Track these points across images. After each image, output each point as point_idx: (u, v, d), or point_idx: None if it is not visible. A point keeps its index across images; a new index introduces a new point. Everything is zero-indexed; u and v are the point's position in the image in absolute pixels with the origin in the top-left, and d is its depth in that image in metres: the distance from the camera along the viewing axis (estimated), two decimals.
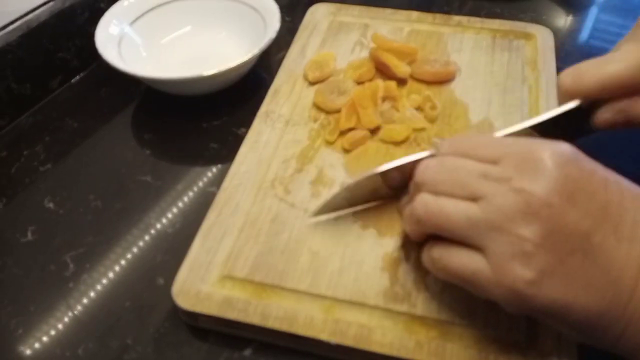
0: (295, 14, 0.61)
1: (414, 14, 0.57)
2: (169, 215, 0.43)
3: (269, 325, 0.33)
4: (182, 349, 0.35)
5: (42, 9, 0.51)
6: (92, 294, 0.38)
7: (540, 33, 0.54)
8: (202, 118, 0.50)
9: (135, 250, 0.41)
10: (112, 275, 0.39)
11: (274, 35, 0.49)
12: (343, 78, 0.49)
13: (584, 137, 0.37)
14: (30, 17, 0.50)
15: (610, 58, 0.34)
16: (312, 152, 0.44)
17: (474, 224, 0.28)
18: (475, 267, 0.29)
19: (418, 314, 0.34)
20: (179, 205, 0.44)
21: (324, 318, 0.34)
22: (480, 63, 0.51)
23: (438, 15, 0.57)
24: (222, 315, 0.34)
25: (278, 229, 0.38)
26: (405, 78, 0.49)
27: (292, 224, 0.39)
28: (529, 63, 0.51)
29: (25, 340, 0.36)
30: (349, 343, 0.33)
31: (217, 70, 0.46)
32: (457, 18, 0.56)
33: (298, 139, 0.45)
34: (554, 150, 0.28)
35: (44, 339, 0.36)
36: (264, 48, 0.48)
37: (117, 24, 0.53)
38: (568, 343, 0.32)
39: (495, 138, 0.32)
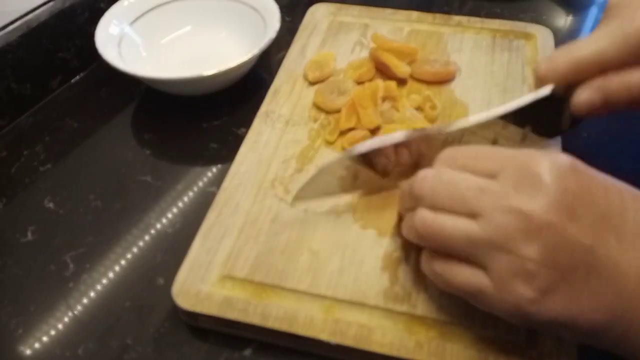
0: (295, 14, 0.61)
1: (414, 14, 0.57)
2: (169, 215, 0.43)
3: (269, 325, 0.33)
4: (182, 349, 0.35)
5: (42, 9, 0.51)
6: (92, 294, 0.38)
7: (540, 33, 0.54)
8: (202, 118, 0.50)
9: (135, 250, 0.41)
10: (112, 275, 0.39)
11: (274, 35, 0.49)
12: (343, 78, 0.49)
13: (571, 129, 0.37)
14: (30, 17, 0.50)
15: (582, 41, 0.34)
16: (312, 152, 0.44)
17: (474, 243, 0.28)
18: (478, 284, 0.28)
19: (418, 314, 0.34)
20: (179, 205, 0.44)
21: (324, 318, 0.34)
22: (480, 63, 0.51)
23: (438, 15, 0.57)
24: (222, 315, 0.34)
25: (278, 229, 0.38)
26: (405, 78, 0.49)
27: (292, 224, 0.39)
28: (529, 63, 0.51)
29: (25, 340, 0.36)
30: (349, 343, 0.33)
31: (217, 70, 0.46)
32: (457, 18, 0.56)
33: (298, 139, 0.45)
34: (552, 163, 0.28)
35: (44, 339, 0.36)
36: (264, 48, 0.48)
37: (117, 24, 0.53)
38: (568, 343, 0.32)
39: (493, 149, 0.31)
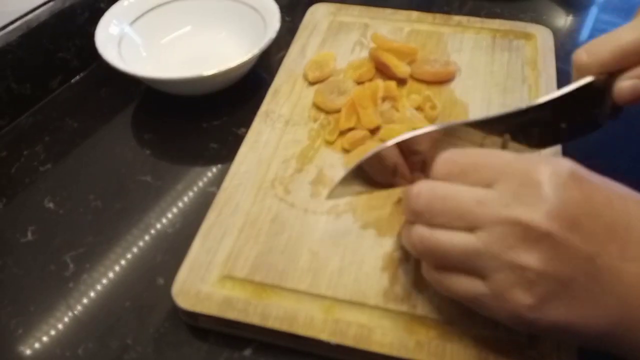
0: (295, 14, 0.61)
1: (414, 14, 0.57)
2: (169, 215, 0.43)
3: (269, 325, 0.33)
4: (182, 349, 0.35)
5: (42, 9, 0.51)
6: (92, 294, 0.38)
7: (540, 33, 0.54)
8: (202, 118, 0.50)
9: (135, 250, 0.41)
10: (112, 275, 0.39)
11: (274, 35, 0.49)
12: (343, 78, 0.49)
13: (610, 120, 0.36)
14: (30, 17, 0.50)
15: (623, 28, 0.33)
16: (312, 152, 0.44)
17: (473, 256, 0.28)
18: (478, 292, 0.28)
19: (418, 314, 0.34)
20: (179, 205, 0.44)
21: (324, 318, 0.34)
22: (480, 63, 0.51)
23: (438, 15, 0.57)
24: (222, 315, 0.34)
25: (278, 229, 0.38)
26: (405, 78, 0.49)
27: (292, 224, 0.39)
28: (529, 63, 0.51)
29: (25, 340, 0.36)
30: (349, 343, 0.33)
31: (217, 70, 0.46)
32: (457, 18, 0.56)
33: (298, 139, 0.45)
34: (553, 172, 0.27)
35: (44, 339, 0.36)
36: (264, 48, 0.48)
37: (117, 24, 0.53)
38: (568, 344, 0.32)
39: (491, 154, 0.30)
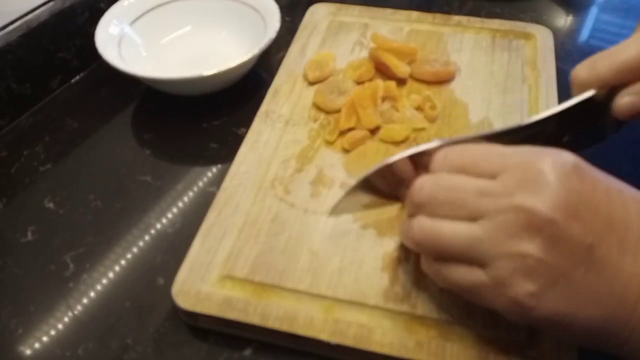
0: (295, 14, 0.61)
1: (414, 14, 0.57)
2: (169, 215, 0.43)
3: (269, 326, 0.33)
4: (182, 349, 0.35)
5: (42, 9, 0.51)
6: (92, 294, 0.38)
7: (540, 33, 0.54)
8: (202, 118, 0.50)
9: (135, 250, 0.41)
10: (112, 275, 0.39)
11: (274, 35, 0.49)
12: (343, 78, 0.49)
13: (612, 135, 0.36)
14: (30, 17, 0.50)
15: (623, 44, 0.33)
16: (311, 152, 0.44)
17: (475, 245, 0.28)
18: (476, 280, 0.28)
19: (418, 314, 0.34)
20: (179, 205, 0.44)
21: (324, 318, 0.34)
22: (480, 63, 0.51)
23: (438, 15, 0.57)
24: (222, 315, 0.34)
25: (278, 229, 0.38)
26: (405, 78, 0.49)
27: (292, 224, 0.39)
28: (529, 63, 0.51)
29: (25, 340, 0.36)
30: (349, 343, 0.33)
31: (217, 70, 0.46)
32: (456, 18, 0.56)
33: (298, 139, 0.45)
34: (555, 162, 0.27)
35: (44, 339, 0.36)
36: (264, 48, 0.48)
37: (117, 24, 0.53)
38: (568, 343, 0.32)
39: (492, 148, 0.30)
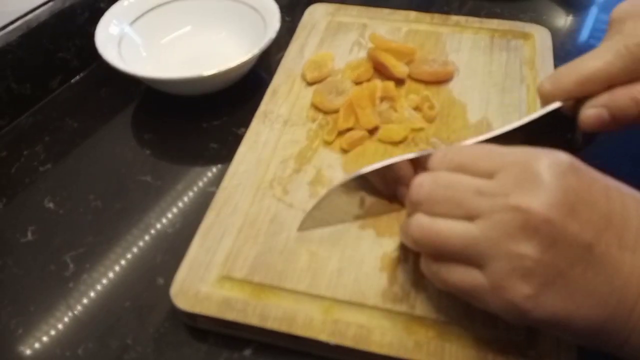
0: (295, 14, 0.61)
1: (412, 14, 0.57)
2: (169, 215, 0.43)
3: (268, 326, 0.33)
4: (181, 349, 0.35)
5: (42, 9, 0.51)
6: (92, 294, 0.38)
7: (539, 33, 0.54)
8: (202, 118, 0.50)
9: (135, 250, 0.41)
10: (112, 275, 0.39)
11: (274, 35, 0.49)
12: (341, 78, 0.50)
13: (585, 147, 0.36)
14: (30, 17, 0.50)
15: (587, 56, 0.34)
16: (310, 152, 0.44)
17: (472, 245, 0.28)
18: (474, 282, 0.28)
19: (417, 314, 0.34)
20: (179, 205, 0.44)
21: (323, 318, 0.34)
22: (479, 63, 0.51)
23: (436, 15, 0.57)
24: (221, 316, 0.34)
25: (277, 230, 0.39)
26: (404, 78, 0.49)
27: (290, 225, 0.39)
28: (527, 63, 0.51)
29: (25, 340, 0.36)
30: (348, 343, 0.33)
31: (217, 70, 0.46)
32: (455, 18, 0.56)
33: (296, 139, 0.45)
34: (552, 161, 0.27)
35: (44, 339, 0.36)
36: (264, 48, 0.48)
37: (117, 24, 0.53)
38: (567, 343, 0.32)
39: (490, 148, 0.31)
